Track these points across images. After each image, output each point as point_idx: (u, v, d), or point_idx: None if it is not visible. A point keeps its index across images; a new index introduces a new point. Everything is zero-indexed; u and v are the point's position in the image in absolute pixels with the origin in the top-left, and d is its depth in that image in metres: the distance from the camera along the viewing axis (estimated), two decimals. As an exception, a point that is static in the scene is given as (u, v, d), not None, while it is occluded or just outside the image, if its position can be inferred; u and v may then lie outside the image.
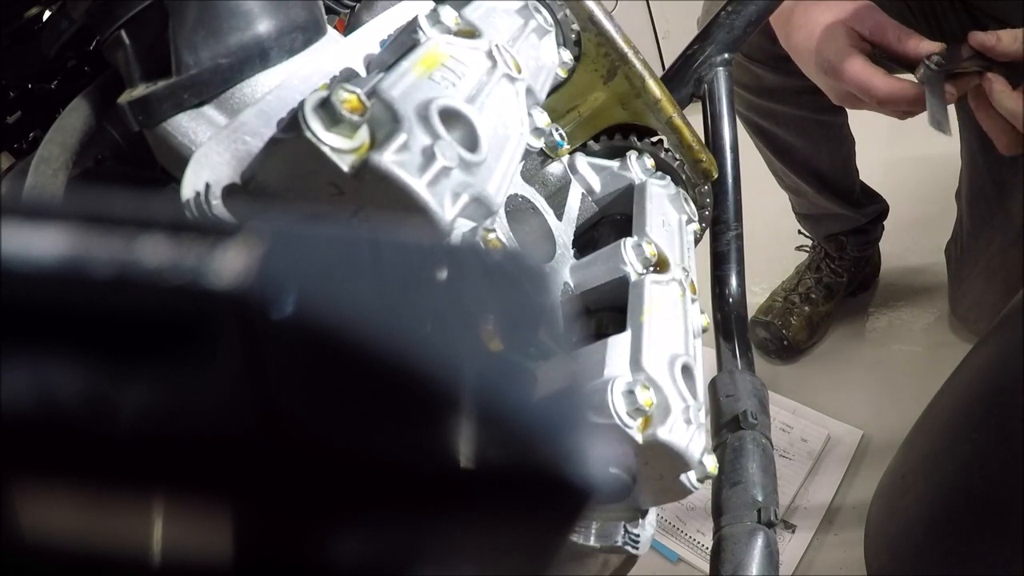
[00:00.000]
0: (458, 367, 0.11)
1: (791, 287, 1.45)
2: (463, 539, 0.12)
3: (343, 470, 0.11)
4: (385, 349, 0.11)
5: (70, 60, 0.46)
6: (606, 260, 0.37)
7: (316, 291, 0.11)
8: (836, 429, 1.30)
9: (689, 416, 0.30)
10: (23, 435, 0.10)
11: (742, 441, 0.38)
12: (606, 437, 0.29)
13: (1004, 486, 0.60)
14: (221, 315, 0.11)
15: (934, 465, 0.67)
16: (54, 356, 0.10)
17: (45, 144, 0.31)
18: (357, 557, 0.12)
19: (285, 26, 0.31)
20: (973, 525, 0.62)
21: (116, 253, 0.10)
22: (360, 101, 0.24)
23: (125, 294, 0.10)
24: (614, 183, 0.45)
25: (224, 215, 0.25)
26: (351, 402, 0.11)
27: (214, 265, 0.11)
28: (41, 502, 0.11)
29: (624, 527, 0.36)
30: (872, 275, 1.52)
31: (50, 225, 0.11)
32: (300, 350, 0.11)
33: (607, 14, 0.42)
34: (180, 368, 0.10)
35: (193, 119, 0.31)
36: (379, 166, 0.24)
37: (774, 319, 1.41)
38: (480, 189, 0.27)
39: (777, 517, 0.37)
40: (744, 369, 0.41)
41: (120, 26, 0.31)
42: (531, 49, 0.37)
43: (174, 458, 0.10)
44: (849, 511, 1.22)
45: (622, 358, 0.31)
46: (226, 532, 0.11)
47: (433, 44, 0.29)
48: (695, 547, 1.20)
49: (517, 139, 0.31)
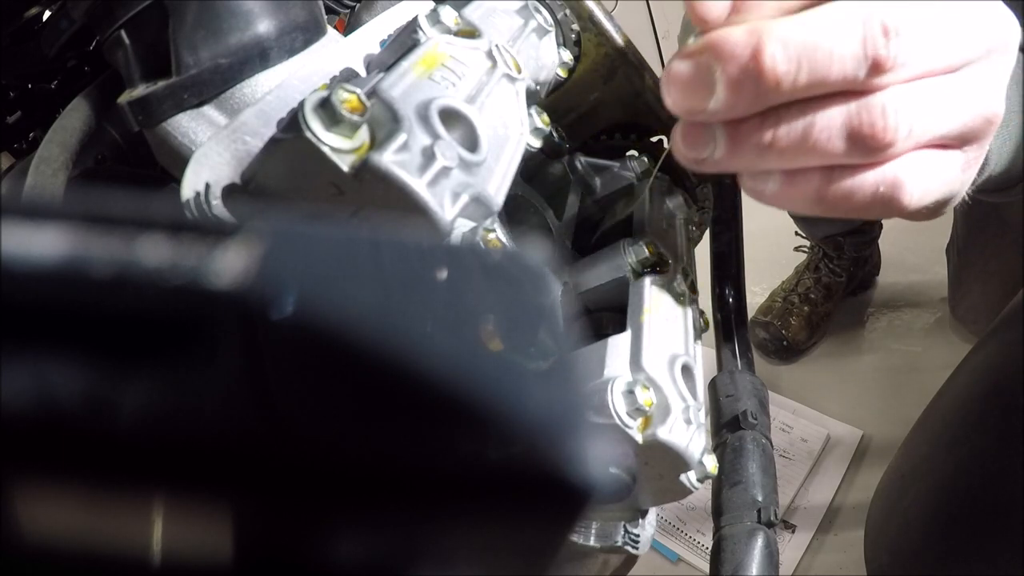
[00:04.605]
0: (458, 367, 0.11)
1: (790, 287, 1.45)
2: (463, 539, 0.12)
3: (343, 470, 0.11)
4: (385, 349, 0.11)
5: (70, 60, 0.46)
6: (606, 260, 0.37)
7: (316, 291, 0.11)
8: (836, 429, 1.30)
9: (689, 416, 0.30)
10: (23, 435, 0.10)
11: (742, 441, 0.38)
12: (606, 437, 0.29)
13: (1004, 486, 0.60)
14: (221, 315, 0.11)
15: (934, 465, 0.67)
16: (54, 356, 0.10)
17: (45, 144, 0.31)
18: (357, 557, 0.12)
19: (285, 26, 0.31)
20: (973, 525, 0.62)
21: (116, 253, 0.10)
22: (360, 101, 0.24)
23: (125, 294, 0.10)
24: (614, 183, 0.45)
25: (224, 215, 0.25)
26: (351, 402, 0.11)
27: (214, 265, 0.11)
28: (41, 502, 0.11)
29: (624, 527, 0.36)
30: (872, 274, 1.52)
31: (50, 225, 0.11)
32: (300, 350, 0.11)
33: (607, 14, 0.42)
34: (180, 368, 0.10)
35: (193, 119, 0.31)
36: (379, 166, 0.24)
37: (774, 319, 1.41)
38: (480, 189, 0.27)
39: (777, 517, 0.37)
40: (744, 369, 0.41)
41: (120, 26, 0.31)
42: (531, 49, 0.37)
43: (174, 458, 0.10)
44: (849, 511, 1.22)
45: (622, 358, 0.31)
46: (226, 532, 0.11)
47: (433, 44, 0.29)
48: (695, 547, 1.20)
49: (517, 139, 0.31)
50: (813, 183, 0.32)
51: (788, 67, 0.29)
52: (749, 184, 0.33)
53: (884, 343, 1.43)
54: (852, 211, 0.33)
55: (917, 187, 0.32)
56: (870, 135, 0.30)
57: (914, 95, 0.31)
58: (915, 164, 0.32)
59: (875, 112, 0.30)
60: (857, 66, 0.29)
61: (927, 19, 0.30)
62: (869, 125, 0.30)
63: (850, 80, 0.29)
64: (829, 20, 0.29)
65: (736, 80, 0.29)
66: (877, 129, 0.30)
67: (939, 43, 0.31)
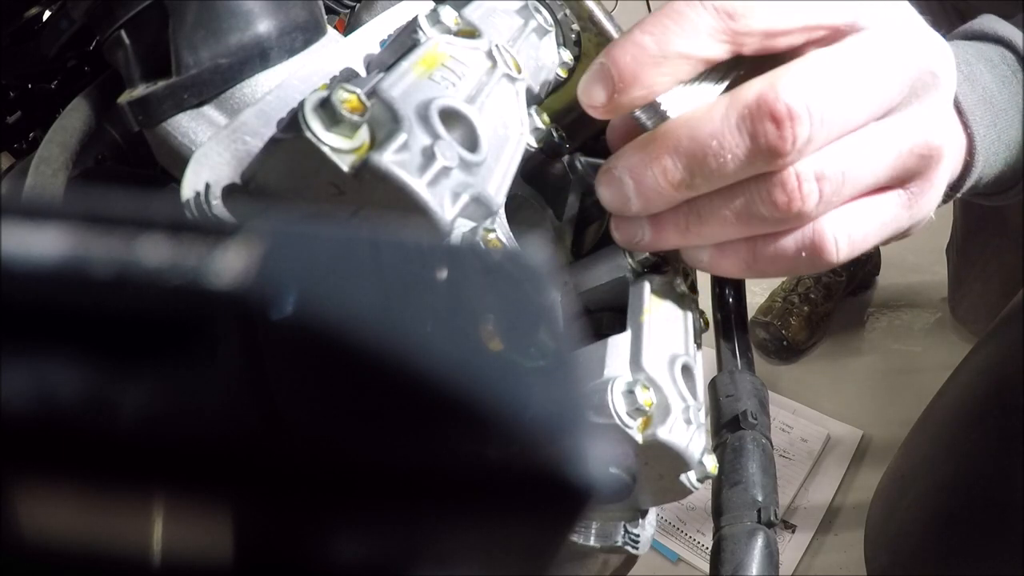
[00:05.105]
0: (458, 367, 0.11)
1: (790, 287, 1.45)
2: (463, 539, 0.12)
3: (343, 470, 0.11)
4: (385, 349, 0.11)
5: (70, 60, 0.46)
6: (606, 260, 0.37)
7: (316, 291, 0.11)
8: (836, 429, 1.30)
9: (689, 416, 0.30)
10: (23, 435, 0.10)
11: (742, 441, 0.38)
12: (606, 437, 0.29)
13: (1004, 486, 0.60)
14: (221, 315, 0.11)
15: (934, 465, 0.67)
16: (54, 356, 0.10)
17: (45, 144, 0.31)
18: (357, 557, 0.12)
19: (285, 26, 0.31)
20: (973, 525, 0.62)
21: (116, 253, 0.10)
22: (360, 101, 0.24)
23: (125, 294, 0.10)
24: (614, 183, 0.45)
25: (224, 215, 0.25)
26: (351, 402, 0.11)
27: (214, 265, 0.11)
28: (41, 502, 0.11)
29: (624, 527, 0.36)
30: (872, 273, 1.52)
31: (50, 225, 0.11)
32: (300, 350, 0.11)
33: (607, 14, 0.42)
34: (180, 368, 0.10)
35: (193, 119, 0.31)
36: (379, 166, 0.24)
37: (774, 319, 1.41)
38: (480, 189, 0.27)
39: (777, 517, 0.37)
40: (744, 369, 0.41)
41: (120, 26, 0.31)
42: (531, 49, 0.37)
43: (174, 458, 0.10)
44: (849, 511, 1.22)
45: (622, 358, 0.31)
46: (226, 532, 0.11)
47: (433, 44, 0.29)
48: (695, 547, 1.20)
49: (517, 139, 0.31)
50: (740, 253, 0.33)
51: (683, 176, 0.30)
52: (684, 255, 0.35)
53: (884, 343, 1.43)
54: (784, 272, 0.34)
55: (844, 240, 0.32)
56: (780, 209, 0.30)
57: (826, 160, 0.30)
58: (838, 220, 0.32)
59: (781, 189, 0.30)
60: (752, 160, 0.30)
61: (831, 86, 0.30)
62: (772, 203, 0.30)
63: (751, 171, 0.30)
64: (713, 121, 0.30)
65: (643, 191, 0.31)
66: (781, 204, 0.30)
67: (848, 106, 0.30)
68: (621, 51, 0.30)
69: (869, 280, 1.51)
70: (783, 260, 0.33)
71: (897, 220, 0.34)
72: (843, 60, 0.30)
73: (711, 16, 0.29)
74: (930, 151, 0.32)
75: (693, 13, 0.29)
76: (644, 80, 0.30)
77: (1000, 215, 0.95)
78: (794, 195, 0.30)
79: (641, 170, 0.31)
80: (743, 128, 0.29)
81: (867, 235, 0.33)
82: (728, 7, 0.29)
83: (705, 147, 0.30)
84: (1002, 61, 0.42)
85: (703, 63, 0.30)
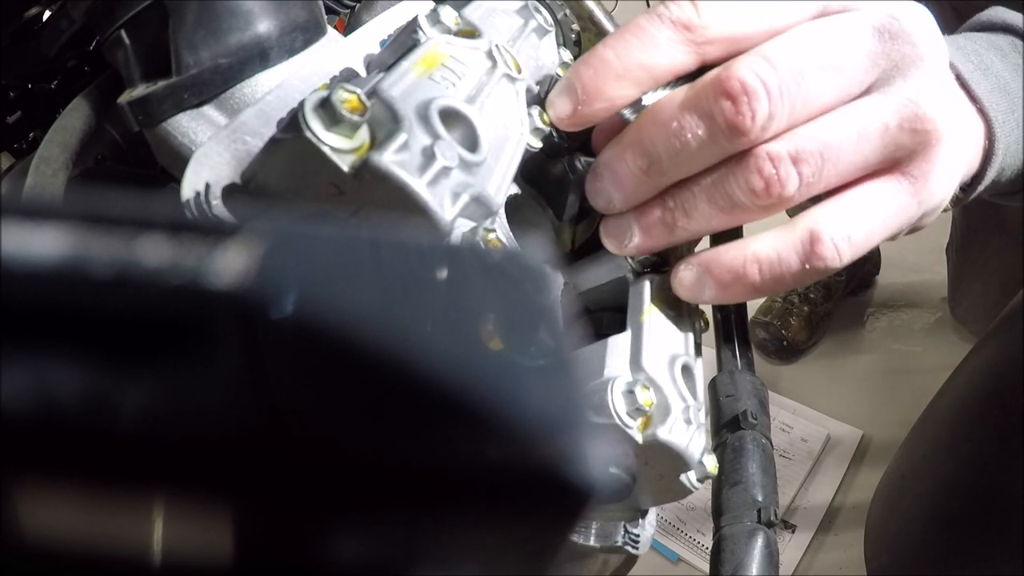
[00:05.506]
0: (458, 367, 0.11)
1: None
2: (463, 539, 0.12)
3: (343, 470, 0.11)
4: (385, 349, 0.11)
5: (70, 60, 0.46)
6: (606, 260, 0.37)
7: (316, 291, 0.11)
8: (836, 429, 1.30)
9: (689, 416, 0.30)
10: (23, 435, 0.10)
11: (742, 441, 0.38)
12: (606, 437, 0.29)
13: (1004, 486, 0.60)
14: (221, 315, 0.11)
15: (934, 465, 0.67)
16: (54, 356, 0.10)
17: (45, 144, 0.31)
18: (357, 557, 0.12)
19: (285, 26, 0.31)
20: (973, 525, 0.62)
21: (116, 253, 0.10)
22: (360, 101, 0.24)
23: (125, 294, 0.10)
24: (614, 183, 0.45)
25: (224, 215, 0.25)
26: (351, 402, 0.11)
27: (214, 265, 0.11)
28: (41, 502, 0.11)
29: (624, 527, 0.36)
30: (872, 273, 1.52)
31: (50, 225, 0.11)
32: (300, 350, 0.11)
33: (607, 14, 0.42)
34: (180, 368, 0.10)
35: (193, 119, 0.31)
36: (379, 166, 0.24)
37: (774, 319, 1.41)
38: (480, 189, 0.27)
39: (777, 517, 0.37)
40: (744, 369, 0.41)
41: (120, 26, 0.31)
42: (531, 49, 0.37)
43: (174, 458, 0.10)
44: (849, 511, 1.22)
45: (622, 358, 0.31)
46: (226, 532, 0.11)
47: (433, 44, 0.29)
48: (695, 547, 1.20)
49: (517, 139, 0.31)
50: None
51: (650, 160, 0.31)
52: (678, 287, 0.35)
53: (884, 343, 1.43)
54: (792, 284, 0.34)
55: (843, 241, 0.32)
56: (759, 196, 0.30)
57: (802, 140, 0.30)
58: (833, 220, 0.32)
59: (757, 175, 0.30)
60: (714, 139, 0.30)
61: (789, 61, 0.29)
62: (750, 191, 0.30)
63: (718, 151, 0.30)
64: (673, 104, 0.30)
65: (618, 182, 0.32)
66: (759, 190, 0.30)
67: (812, 80, 0.30)
68: (585, 66, 0.32)
69: (869, 280, 1.51)
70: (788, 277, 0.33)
71: (904, 210, 0.33)
72: (804, 36, 0.30)
73: (669, 29, 0.30)
74: (923, 124, 0.31)
75: (652, 27, 0.30)
76: (606, 93, 0.31)
77: (1000, 215, 0.95)
78: (772, 180, 0.30)
79: (615, 162, 0.32)
80: (701, 107, 0.29)
81: (870, 232, 0.33)
82: (685, 19, 0.30)
83: (666, 128, 0.30)
84: (1013, 49, 0.42)
85: (668, 73, 0.31)
